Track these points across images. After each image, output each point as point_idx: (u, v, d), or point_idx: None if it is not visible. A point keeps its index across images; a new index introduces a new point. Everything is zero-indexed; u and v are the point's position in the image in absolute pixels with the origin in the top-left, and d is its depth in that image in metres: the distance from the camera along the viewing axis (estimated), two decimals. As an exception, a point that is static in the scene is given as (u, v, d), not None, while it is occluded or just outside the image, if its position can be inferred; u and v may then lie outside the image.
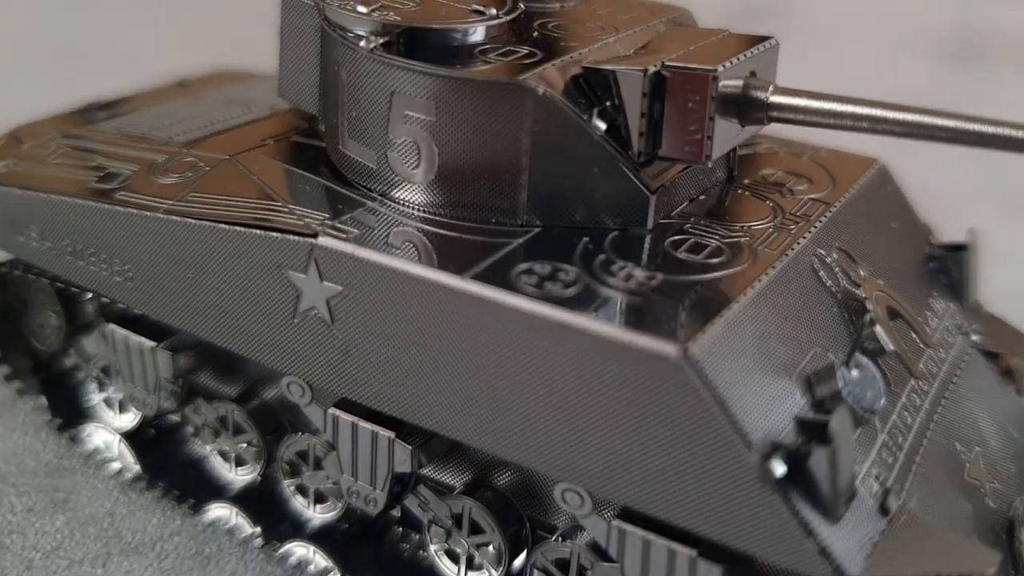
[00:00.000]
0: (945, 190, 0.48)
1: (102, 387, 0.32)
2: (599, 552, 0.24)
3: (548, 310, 0.21)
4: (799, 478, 0.20)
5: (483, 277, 0.22)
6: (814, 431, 0.20)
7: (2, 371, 0.33)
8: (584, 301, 0.21)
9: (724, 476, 0.19)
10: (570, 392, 0.21)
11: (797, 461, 0.20)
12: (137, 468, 0.31)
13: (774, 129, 0.29)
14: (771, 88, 0.24)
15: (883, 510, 0.21)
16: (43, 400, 0.33)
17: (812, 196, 0.27)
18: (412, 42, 0.24)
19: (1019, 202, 0.58)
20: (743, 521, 0.20)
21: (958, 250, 0.30)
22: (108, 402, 0.32)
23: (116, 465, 0.31)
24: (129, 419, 0.32)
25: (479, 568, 0.26)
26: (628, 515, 0.23)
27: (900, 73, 0.83)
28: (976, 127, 0.22)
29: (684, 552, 0.22)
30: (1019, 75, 0.87)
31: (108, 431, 0.32)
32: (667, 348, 0.20)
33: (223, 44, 0.52)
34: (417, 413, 0.23)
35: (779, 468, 0.19)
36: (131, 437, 0.32)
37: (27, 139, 0.32)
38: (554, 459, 0.21)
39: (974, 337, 0.28)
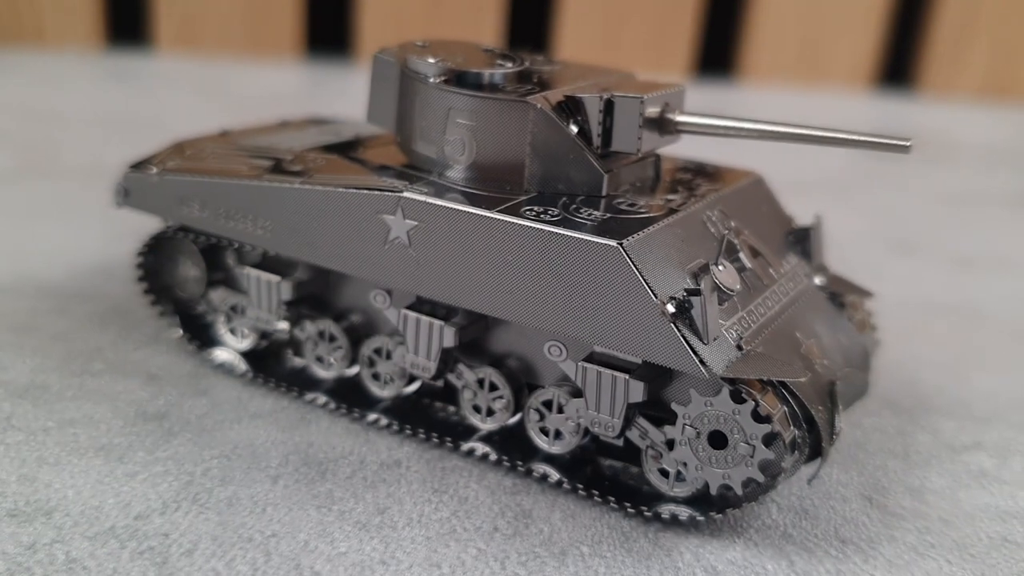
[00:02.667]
0: (838, 232, 0.63)
1: (229, 321, 0.46)
2: (571, 393, 0.38)
3: (542, 226, 0.35)
4: (685, 318, 0.34)
5: (502, 211, 0.36)
6: (693, 292, 0.34)
7: (156, 310, 0.48)
8: (564, 223, 0.35)
9: (642, 315, 0.33)
10: (554, 274, 0.35)
11: (683, 308, 0.34)
12: (251, 375, 0.45)
13: (692, 152, 0.45)
14: (677, 112, 0.39)
15: (739, 347, 0.35)
16: (181, 331, 0.47)
17: (709, 188, 0.42)
18: (461, 79, 0.39)
19: (891, 239, 0.74)
20: (654, 344, 0.33)
21: (808, 229, 0.44)
22: (232, 331, 0.46)
23: (239, 370, 0.45)
24: (248, 343, 0.46)
25: (494, 415, 0.40)
26: (588, 359, 0.37)
27: (821, 156, 1.01)
28: (795, 130, 0.38)
29: (620, 376, 0.35)
30: (922, 159, 1.05)
31: (231, 352, 0.46)
32: (611, 243, 0.34)
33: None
34: (462, 298, 0.37)
35: (671, 308, 0.33)
36: (248, 355, 0.46)
37: (186, 148, 0.47)
38: (546, 318, 0.35)
39: (818, 280, 0.43)
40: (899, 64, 1.32)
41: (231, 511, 0.35)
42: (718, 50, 1.30)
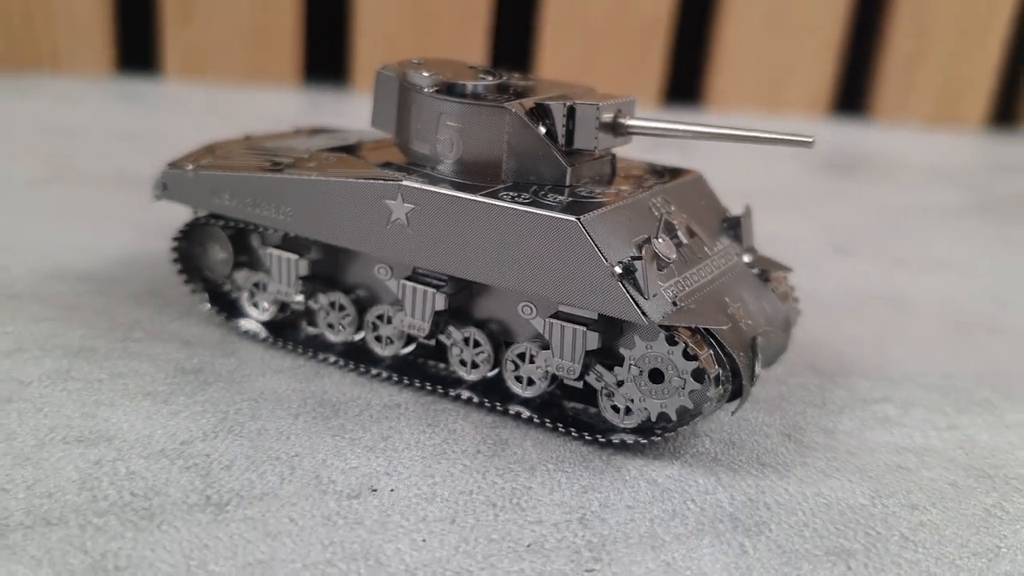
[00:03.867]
0: (790, 236, 0.72)
1: (253, 297, 0.54)
2: (541, 346, 0.46)
3: (516, 206, 0.43)
4: (630, 279, 0.42)
5: (484, 196, 0.44)
6: (636, 257, 0.42)
7: (188, 288, 0.55)
8: (534, 204, 0.43)
9: (596, 276, 0.41)
10: (526, 245, 0.43)
11: (629, 270, 0.42)
12: (272, 341, 0.53)
13: (646, 154, 0.53)
14: (628, 117, 0.48)
15: (674, 304, 0.43)
16: (209, 305, 0.55)
17: (655, 182, 0.51)
18: (450, 89, 0.47)
19: (837, 243, 0.83)
20: (605, 299, 0.41)
21: (739, 217, 0.53)
22: (255, 305, 0.54)
23: (262, 336, 0.53)
24: (268, 314, 0.54)
25: (477, 367, 0.48)
26: (555, 316, 0.45)
27: (782, 173, 1.10)
28: (717, 130, 0.46)
29: (580, 328, 0.43)
30: (872, 178, 1.14)
31: (254, 322, 0.54)
32: (571, 218, 0.42)
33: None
34: (452, 268, 0.45)
35: (619, 270, 0.41)
36: (268, 324, 0.54)
37: (216, 149, 0.55)
38: (520, 281, 0.43)
39: (747, 258, 0.51)
40: (854, 93, 1.42)
41: (260, 438, 0.43)
42: (686, 80, 1.40)
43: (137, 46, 1.32)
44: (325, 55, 1.37)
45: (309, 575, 0.34)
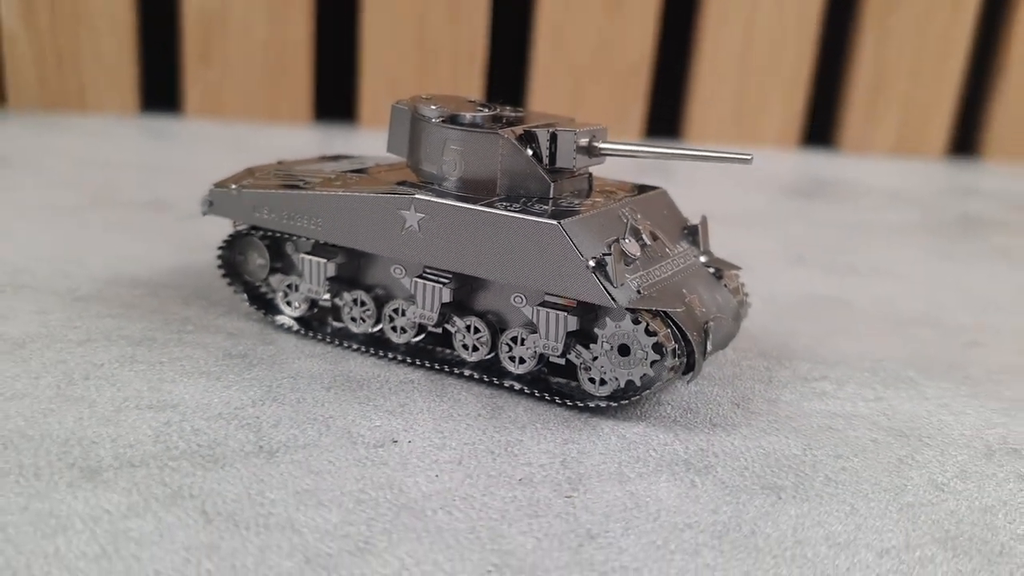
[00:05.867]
0: (754, 250, 0.81)
1: (287, 296, 0.63)
2: (530, 331, 0.55)
3: (509, 213, 0.53)
4: (602, 271, 0.51)
5: (483, 205, 0.54)
6: (607, 254, 0.51)
7: (231, 289, 0.65)
8: (524, 212, 0.53)
9: (574, 269, 0.51)
10: (517, 245, 0.52)
11: (600, 264, 0.51)
12: (304, 333, 0.62)
13: (618, 174, 0.63)
14: (600, 142, 0.58)
15: (638, 292, 0.52)
16: (248, 302, 0.64)
17: (625, 195, 0.60)
18: (453, 119, 0.57)
19: (794, 255, 0.92)
20: (582, 288, 0.51)
21: (696, 225, 0.62)
22: (289, 303, 0.63)
23: (295, 329, 0.62)
24: (300, 311, 0.63)
25: (477, 350, 0.57)
26: (542, 304, 0.54)
27: (755, 198, 1.20)
28: (670, 150, 0.56)
29: (561, 313, 0.53)
30: (832, 202, 1.24)
31: (288, 319, 0.63)
32: (554, 222, 0.51)
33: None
34: (455, 265, 0.54)
35: (592, 264, 0.51)
36: (300, 319, 0.63)
37: (255, 171, 0.65)
38: (512, 275, 0.53)
39: (703, 259, 0.61)
40: (822, 128, 1.53)
41: (300, 405, 0.52)
42: (667, 116, 1.51)
43: (159, 87, 1.43)
44: (334, 94, 1.47)
45: (347, 499, 0.44)
